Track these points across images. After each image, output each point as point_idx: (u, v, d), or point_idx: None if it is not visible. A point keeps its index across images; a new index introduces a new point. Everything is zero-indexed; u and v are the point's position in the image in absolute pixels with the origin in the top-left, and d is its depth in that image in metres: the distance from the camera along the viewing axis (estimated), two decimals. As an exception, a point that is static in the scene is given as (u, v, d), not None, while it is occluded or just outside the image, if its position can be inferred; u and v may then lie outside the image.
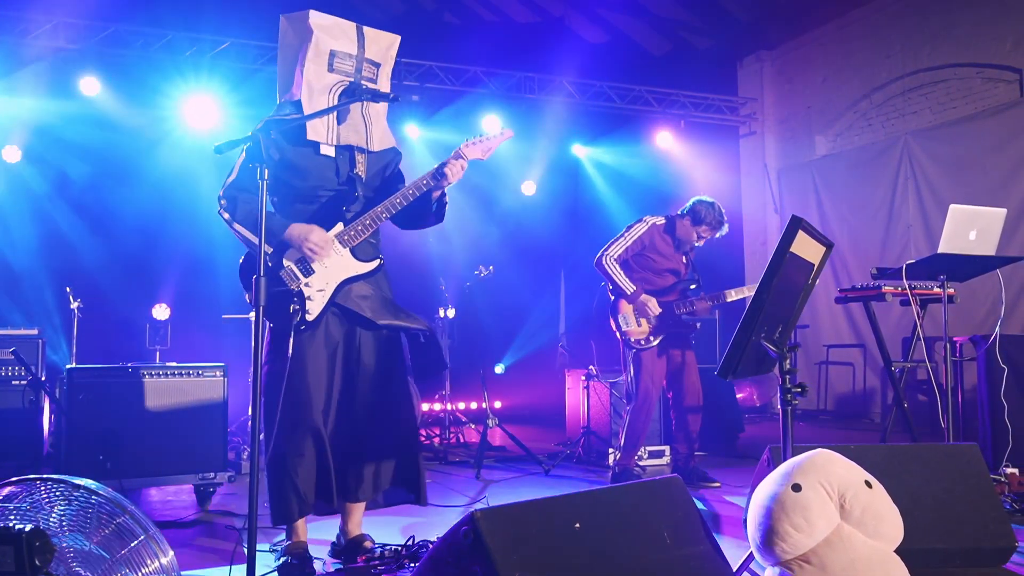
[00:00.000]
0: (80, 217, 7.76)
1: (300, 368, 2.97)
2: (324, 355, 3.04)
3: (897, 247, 8.19)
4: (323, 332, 3.04)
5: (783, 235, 2.41)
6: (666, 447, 5.72)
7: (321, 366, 3.03)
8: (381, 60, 3.11)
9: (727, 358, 2.48)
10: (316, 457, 3.02)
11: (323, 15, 3.01)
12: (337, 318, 3.08)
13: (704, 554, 2.39)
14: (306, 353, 2.99)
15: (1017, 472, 4.14)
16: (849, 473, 2.37)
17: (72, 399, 4.02)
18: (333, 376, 3.07)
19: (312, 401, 2.99)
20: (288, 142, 3.04)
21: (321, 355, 3.03)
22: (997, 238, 4.08)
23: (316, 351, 3.02)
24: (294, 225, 2.99)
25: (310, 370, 2.99)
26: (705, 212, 4.87)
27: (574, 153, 9.99)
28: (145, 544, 1.65)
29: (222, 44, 7.62)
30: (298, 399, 2.97)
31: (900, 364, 4.63)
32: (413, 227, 3.37)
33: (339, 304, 3.04)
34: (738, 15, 9.62)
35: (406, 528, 3.61)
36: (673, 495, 2.44)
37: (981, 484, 3.07)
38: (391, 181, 3.25)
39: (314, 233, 2.98)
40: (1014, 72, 7.47)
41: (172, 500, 4.52)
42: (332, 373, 3.06)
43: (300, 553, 3.01)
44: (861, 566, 2.26)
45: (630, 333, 4.85)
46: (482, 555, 1.95)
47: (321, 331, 3.03)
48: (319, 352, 3.03)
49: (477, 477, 5.17)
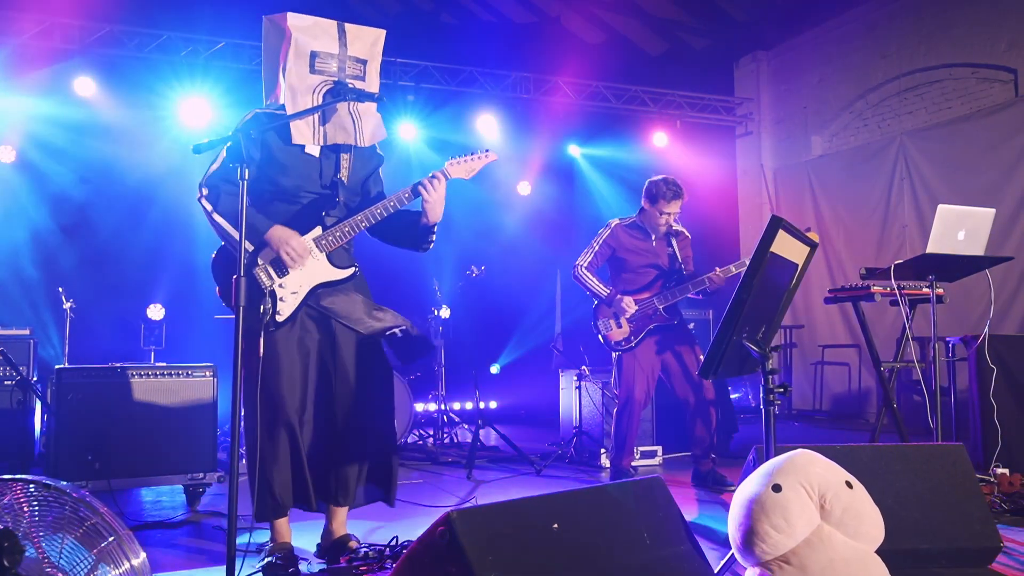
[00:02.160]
0: (75, 217, 7.75)
1: (273, 369, 2.97)
2: (298, 357, 3.04)
3: (893, 247, 8.19)
4: (298, 333, 3.04)
5: (763, 235, 2.40)
6: (658, 447, 5.72)
7: (295, 367, 3.02)
8: (367, 56, 3.08)
9: (708, 357, 2.48)
10: (291, 459, 3.02)
11: (301, 16, 2.98)
12: (313, 320, 3.08)
13: (684, 554, 2.38)
14: (279, 354, 2.98)
15: (1007, 472, 4.15)
16: (829, 473, 2.36)
17: (61, 399, 4.01)
18: (308, 378, 3.06)
19: (286, 403, 2.99)
20: (277, 138, 3.03)
21: (295, 356, 3.03)
22: (986, 238, 4.07)
23: (290, 352, 3.01)
24: (276, 227, 2.98)
25: (284, 371, 2.99)
26: (656, 188, 4.78)
27: (570, 153, 9.99)
28: (116, 545, 1.65)
29: (217, 44, 7.63)
30: (271, 401, 2.97)
31: (889, 364, 4.62)
32: (393, 243, 3.31)
33: (314, 306, 3.04)
34: (734, 15, 9.61)
35: (392, 529, 3.61)
36: (654, 495, 2.44)
37: (967, 484, 3.06)
38: (371, 186, 3.24)
39: (295, 239, 2.96)
40: (1009, 72, 7.46)
41: (162, 500, 4.52)
42: (307, 375, 3.06)
43: (284, 553, 3.01)
44: (841, 566, 2.25)
45: (611, 336, 4.83)
46: (457, 555, 1.94)
47: (296, 332, 3.03)
48: (293, 353, 3.02)
49: (468, 477, 5.17)
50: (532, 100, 8.90)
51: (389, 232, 3.25)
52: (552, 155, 9.78)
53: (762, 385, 2.59)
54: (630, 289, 4.85)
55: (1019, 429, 4.48)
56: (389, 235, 3.27)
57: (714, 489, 4.71)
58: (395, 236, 3.27)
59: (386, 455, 3.14)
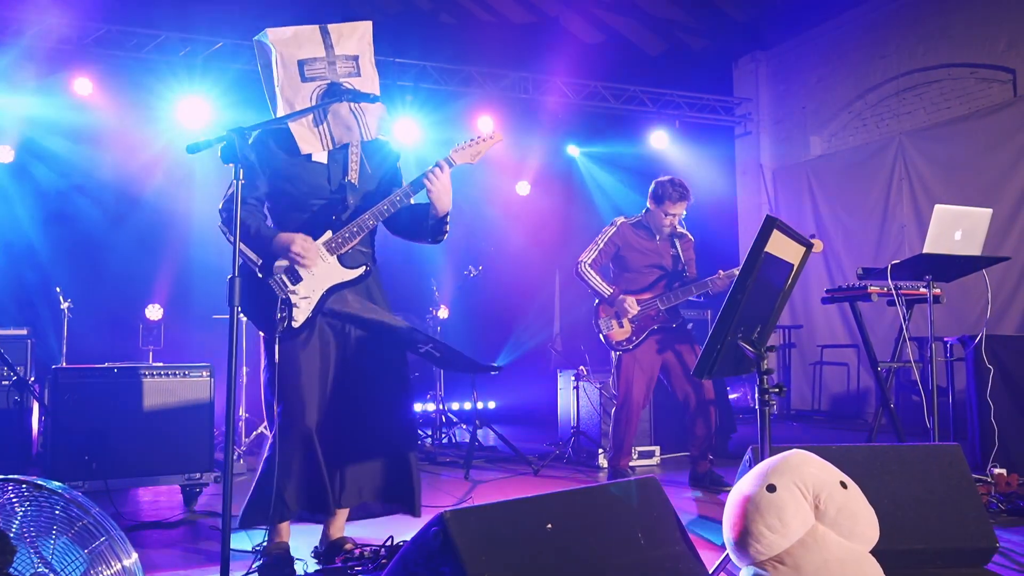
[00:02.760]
0: (72, 217, 7.75)
1: (291, 376, 2.96)
2: (317, 362, 3.02)
3: (892, 247, 8.19)
4: (316, 340, 3.03)
5: (758, 235, 2.40)
6: (656, 447, 5.71)
7: (313, 374, 3.01)
8: (357, 51, 3.06)
9: (702, 357, 2.48)
10: (308, 466, 3.01)
11: (280, 29, 2.98)
12: (331, 327, 3.07)
13: (679, 555, 2.38)
14: (298, 360, 2.97)
15: (1004, 472, 4.14)
16: (824, 473, 2.36)
17: (58, 399, 4.01)
18: (327, 384, 3.05)
19: (306, 409, 2.97)
20: (283, 151, 3.03)
21: (313, 362, 3.01)
22: (983, 238, 4.07)
23: (308, 358, 3.00)
24: (280, 235, 2.98)
25: (302, 378, 2.98)
26: (662, 188, 4.78)
27: (569, 153, 9.99)
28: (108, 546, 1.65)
29: (216, 44, 7.63)
30: (290, 407, 2.96)
31: (886, 365, 4.62)
32: (407, 237, 3.30)
33: (330, 312, 3.04)
34: (733, 15, 9.61)
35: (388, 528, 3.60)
36: (648, 496, 2.44)
37: (963, 484, 3.06)
38: (387, 183, 3.21)
39: (296, 240, 2.96)
40: (1008, 72, 7.46)
41: (159, 500, 4.52)
42: (325, 381, 3.04)
43: (280, 554, 3.01)
44: (835, 567, 2.26)
45: (612, 336, 4.82)
46: (451, 555, 1.94)
47: (313, 338, 3.02)
48: (311, 359, 3.01)
49: (466, 477, 5.17)
50: (531, 100, 8.90)
51: (403, 227, 3.24)
52: (551, 155, 9.78)
53: (757, 385, 2.59)
54: (633, 289, 4.83)
55: (1016, 429, 4.48)
56: (404, 230, 3.27)
57: (711, 489, 4.70)
58: (409, 230, 3.26)
59: (406, 465, 3.11)
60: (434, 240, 3.24)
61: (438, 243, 3.27)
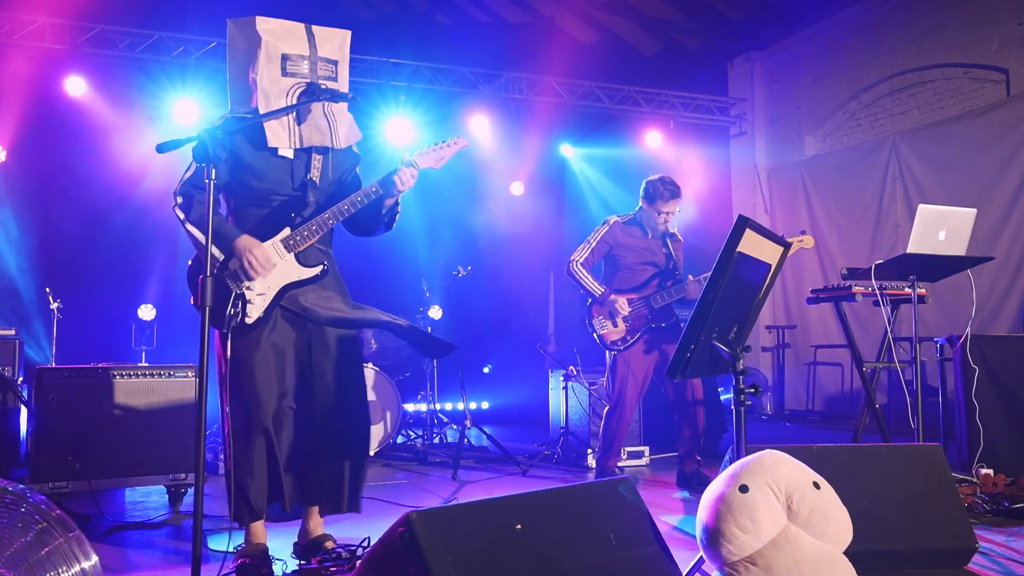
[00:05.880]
0: (65, 217, 7.75)
1: (246, 373, 2.96)
2: (272, 359, 3.01)
3: (885, 247, 8.17)
4: (272, 336, 3.02)
5: (729, 235, 2.39)
6: (645, 448, 5.70)
7: (269, 370, 3.00)
8: (337, 57, 3.08)
9: (675, 357, 2.47)
10: (267, 464, 3.01)
11: (270, 20, 2.98)
12: (289, 322, 3.07)
13: (652, 556, 2.37)
14: (252, 357, 2.97)
15: (991, 473, 4.13)
16: (797, 474, 2.35)
17: (42, 400, 4.00)
18: (285, 379, 3.04)
19: (261, 406, 2.97)
20: (248, 143, 3.03)
21: (269, 359, 3.00)
22: (967, 238, 4.05)
23: (263, 355, 2.99)
24: (243, 236, 2.96)
25: (258, 374, 2.97)
26: (654, 187, 4.78)
27: (563, 154, 9.98)
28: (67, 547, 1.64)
29: (209, 44, 7.62)
30: (245, 404, 2.96)
31: (872, 364, 4.61)
32: (363, 234, 3.31)
33: (288, 307, 3.03)
34: (728, 15, 9.60)
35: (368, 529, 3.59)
36: (621, 496, 2.43)
37: (943, 485, 3.05)
38: (348, 186, 3.21)
39: (257, 248, 2.94)
40: (1001, 72, 7.45)
41: (144, 501, 4.51)
42: (283, 377, 3.04)
43: (258, 554, 3.00)
44: (807, 567, 2.24)
45: (606, 336, 4.80)
46: (417, 556, 1.93)
47: (270, 334, 3.02)
48: (266, 356, 3.00)
49: (454, 478, 5.16)
50: (525, 100, 8.88)
51: (361, 225, 3.24)
52: (545, 155, 9.77)
53: (733, 385, 2.58)
54: (625, 287, 4.81)
55: (1002, 429, 4.47)
56: (361, 227, 3.27)
57: (699, 490, 4.68)
58: (363, 227, 3.26)
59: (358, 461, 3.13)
60: (387, 228, 3.25)
61: (390, 230, 3.27)
